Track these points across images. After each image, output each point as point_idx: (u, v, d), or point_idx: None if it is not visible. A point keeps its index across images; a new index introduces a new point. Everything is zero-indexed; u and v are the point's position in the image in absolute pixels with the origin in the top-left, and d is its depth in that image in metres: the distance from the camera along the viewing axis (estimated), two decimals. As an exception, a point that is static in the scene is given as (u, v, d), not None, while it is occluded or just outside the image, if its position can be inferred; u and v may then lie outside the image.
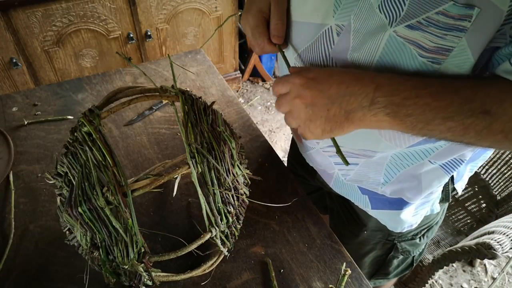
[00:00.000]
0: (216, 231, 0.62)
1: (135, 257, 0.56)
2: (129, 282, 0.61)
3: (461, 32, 0.40)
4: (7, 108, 1.00)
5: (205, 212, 0.60)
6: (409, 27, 0.42)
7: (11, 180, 0.82)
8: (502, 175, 1.39)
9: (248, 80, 2.66)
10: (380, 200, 0.70)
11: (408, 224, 0.73)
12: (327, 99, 0.46)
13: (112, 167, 0.55)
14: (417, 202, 0.69)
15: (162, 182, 0.56)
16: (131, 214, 0.55)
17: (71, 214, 0.54)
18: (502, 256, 0.91)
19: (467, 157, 0.61)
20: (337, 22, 0.49)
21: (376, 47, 0.46)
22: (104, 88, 1.08)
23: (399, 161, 0.61)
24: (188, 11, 1.94)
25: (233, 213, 0.63)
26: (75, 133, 0.59)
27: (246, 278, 0.67)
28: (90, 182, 0.54)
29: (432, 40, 0.42)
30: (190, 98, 0.65)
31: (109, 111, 0.62)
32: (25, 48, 1.66)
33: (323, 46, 0.53)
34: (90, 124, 0.58)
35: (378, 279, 0.92)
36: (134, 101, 0.64)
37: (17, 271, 0.68)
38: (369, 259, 0.86)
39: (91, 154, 0.56)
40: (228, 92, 1.08)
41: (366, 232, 0.80)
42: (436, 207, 0.74)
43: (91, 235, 0.56)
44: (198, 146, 0.59)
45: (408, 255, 0.84)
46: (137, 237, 0.56)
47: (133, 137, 0.94)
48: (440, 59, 0.43)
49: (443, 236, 1.32)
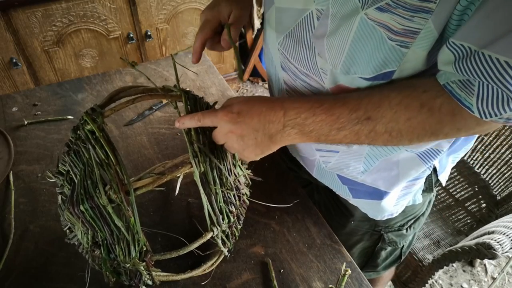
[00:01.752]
0: (217, 231, 0.62)
1: (136, 255, 0.56)
2: (129, 281, 0.61)
3: (427, 13, 0.42)
4: (7, 108, 1.00)
5: (206, 211, 0.60)
6: (379, 9, 0.44)
7: (11, 180, 0.82)
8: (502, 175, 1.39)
9: (248, 80, 2.66)
10: (360, 190, 0.72)
11: (389, 213, 0.75)
12: (253, 130, 0.54)
13: (115, 166, 0.55)
14: (398, 192, 0.71)
15: (164, 181, 0.56)
16: (134, 213, 0.55)
17: (72, 212, 0.54)
18: (502, 256, 0.91)
19: (444, 147, 0.62)
20: (317, 6, 0.51)
21: (349, 31, 0.48)
22: (104, 88, 1.08)
23: (377, 151, 0.63)
24: (188, 11, 1.94)
25: (235, 213, 0.64)
26: (78, 131, 0.59)
27: (246, 278, 0.67)
28: (92, 180, 0.54)
29: (400, 22, 0.43)
30: (192, 98, 0.65)
31: (112, 110, 0.61)
32: (25, 48, 1.66)
33: (305, 31, 0.55)
34: (94, 122, 0.58)
35: (368, 271, 0.94)
36: (138, 99, 0.63)
37: (17, 271, 0.68)
38: (358, 250, 0.88)
39: (93, 152, 0.56)
40: (228, 92, 1.08)
41: (353, 222, 0.82)
42: (419, 198, 0.76)
43: (93, 233, 0.56)
44: (200, 146, 0.59)
45: (396, 246, 0.86)
46: (139, 235, 0.56)
47: (133, 137, 0.94)
48: (408, 42, 0.45)
49: (443, 236, 1.32)
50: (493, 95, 0.42)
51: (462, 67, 0.42)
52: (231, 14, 0.68)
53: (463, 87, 0.44)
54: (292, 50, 0.59)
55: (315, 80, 0.59)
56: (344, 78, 0.54)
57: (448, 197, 1.44)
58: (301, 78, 0.62)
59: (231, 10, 0.68)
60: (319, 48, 0.54)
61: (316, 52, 0.55)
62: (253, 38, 2.40)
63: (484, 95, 0.42)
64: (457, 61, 0.42)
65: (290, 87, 0.66)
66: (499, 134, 1.39)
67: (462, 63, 0.42)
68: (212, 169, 0.59)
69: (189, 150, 0.59)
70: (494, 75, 0.40)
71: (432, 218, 1.38)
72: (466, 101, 0.44)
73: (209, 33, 0.68)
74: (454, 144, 0.67)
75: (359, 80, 0.52)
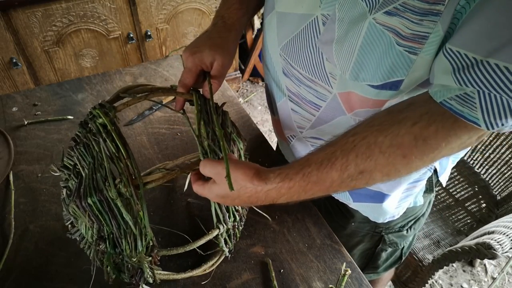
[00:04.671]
0: (223, 228, 0.62)
1: (143, 250, 0.56)
2: (130, 279, 0.61)
3: (436, 16, 0.41)
4: (7, 108, 1.00)
5: (213, 209, 0.61)
6: (387, 13, 0.43)
7: (11, 180, 0.82)
8: (502, 175, 1.39)
9: (248, 80, 2.66)
10: (361, 194, 0.71)
11: (390, 215, 0.75)
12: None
13: (125, 159, 0.55)
14: (399, 194, 0.70)
15: (174, 177, 0.57)
16: (143, 207, 0.55)
17: (79, 205, 0.54)
18: (502, 256, 0.91)
19: None
20: (323, 11, 0.51)
21: (358, 36, 0.47)
22: (104, 88, 1.08)
23: None
24: (188, 11, 1.94)
25: (240, 212, 0.64)
26: (89, 124, 0.59)
27: (246, 278, 0.67)
28: (101, 173, 0.54)
29: (408, 26, 0.43)
30: (202, 97, 0.66)
31: (125, 104, 0.62)
32: (25, 48, 1.66)
33: (309, 37, 0.54)
34: (106, 115, 0.58)
35: (368, 273, 0.94)
36: (150, 96, 0.64)
37: (17, 271, 0.68)
38: (358, 251, 0.87)
39: (104, 145, 0.56)
40: (228, 92, 1.08)
41: (354, 224, 0.82)
42: (420, 200, 0.76)
43: (98, 227, 0.56)
44: (211, 143, 0.59)
45: (396, 247, 0.86)
46: (147, 230, 0.56)
47: (133, 137, 0.94)
48: (416, 48, 0.44)
49: (443, 236, 1.32)
50: (498, 105, 0.40)
51: (463, 78, 0.40)
52: (214, 62, 0.65)
53: (463, 102, 0.42)
54: (296, 56, 0.58)
55: (321, 86, 0.59)
56: (353, 84, 0.53)
57: (448, 197, 1.44)
58: (305, 83, 0.61)
59: (214, 59, 0.64)
60: (328, 54, 0.53)
61: (324, 57, 0.54)
62: (253, 38, 2.40)
63: (488, 107, 0.40)
64: (457, 71, 0.41)
65: (293, 93, 0.66)
66: (499, 134, 1.39)
67: (464, 73, 0.40)
68: None
69: (199, 148, 0.59)
70: (504, 84, 0.38)
71: (432, 218, 1.38)
72: (471, 116, 0.41)
73: (191, 82, 0.65)
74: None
75: (368, 88, 0.52)
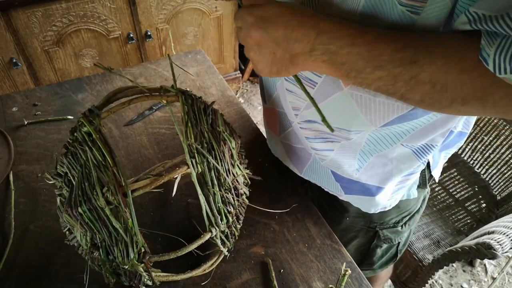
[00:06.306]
0: (216, 231, 0.62)
1: (135, 257, 0.56)
2: (129, 282, 0.61)
3: None
4: (7, 108, 1.00)
5: (205, 212, 0.60)
6: None
7: (11, 180, 0.82)
8: (502, 175, 1.39)
9: (248, 80, 2.66)
10: (353, 187, 0.71)
11: (382, 206, 0.74)
12: (273, 42, 0.47)
13: (112, 167, 0.55)
14: (392, 187, 0.70)
15: (162, 182, 0.56)
16: (131, 214, 0.55)
17: (71, 214, 0.54)
18: (502, 256, 0.91)
19: (438, 142, 0.62)
20: None
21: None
22: (104, 88, 1.08)
23: (373, 146, 0.62)
24: (188, 11, 1.94)
25: (233, 213, 0.63)
26: (75, 133, 0.59)
27: (246, 278, 0.67)
28: (90, 182, 0.54)
29: None
30: (190, 98, 0.65)
31: (109, 111, 0.62)
32: (25, 48, 1.66)
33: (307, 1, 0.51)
34: (90, 124, 0.58)
35: (364, 270, 0.93)
36: (134, 101, 0.64)
37: (17, 271, 0.68)
38: (353, 247, 0.87)
39: (91, 154, 0.56)
40: (228, 92, 1.08)
41: (348, 218, 0.82)
42: (413, 193, 0.76)
43: (91, 235, 0.56)
44: (198, 146, 0.59)
45: (391, 243, 0.86)
46: (137, 237, 0.56)
47: (133, 137, 0.94)
48: (418, 7, 0.42)
49: (443, 236, 1.32)
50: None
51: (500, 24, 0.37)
52: None
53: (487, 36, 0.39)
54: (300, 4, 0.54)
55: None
56: None
57: (448, 197, 1.44)
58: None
59: None
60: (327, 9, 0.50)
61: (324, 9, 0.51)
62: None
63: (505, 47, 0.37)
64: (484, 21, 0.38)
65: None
66: (499, 134, 1.39)
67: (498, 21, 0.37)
68: (209, 169, 0.59)
69: (185, 151, 0.58)
70: None
71: (432, 218, 1.38)
72: (483, 51, 0.39)
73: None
74: (447, 139, 0.67)
75: None
